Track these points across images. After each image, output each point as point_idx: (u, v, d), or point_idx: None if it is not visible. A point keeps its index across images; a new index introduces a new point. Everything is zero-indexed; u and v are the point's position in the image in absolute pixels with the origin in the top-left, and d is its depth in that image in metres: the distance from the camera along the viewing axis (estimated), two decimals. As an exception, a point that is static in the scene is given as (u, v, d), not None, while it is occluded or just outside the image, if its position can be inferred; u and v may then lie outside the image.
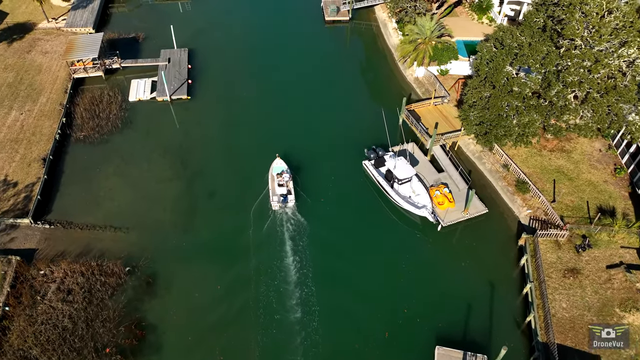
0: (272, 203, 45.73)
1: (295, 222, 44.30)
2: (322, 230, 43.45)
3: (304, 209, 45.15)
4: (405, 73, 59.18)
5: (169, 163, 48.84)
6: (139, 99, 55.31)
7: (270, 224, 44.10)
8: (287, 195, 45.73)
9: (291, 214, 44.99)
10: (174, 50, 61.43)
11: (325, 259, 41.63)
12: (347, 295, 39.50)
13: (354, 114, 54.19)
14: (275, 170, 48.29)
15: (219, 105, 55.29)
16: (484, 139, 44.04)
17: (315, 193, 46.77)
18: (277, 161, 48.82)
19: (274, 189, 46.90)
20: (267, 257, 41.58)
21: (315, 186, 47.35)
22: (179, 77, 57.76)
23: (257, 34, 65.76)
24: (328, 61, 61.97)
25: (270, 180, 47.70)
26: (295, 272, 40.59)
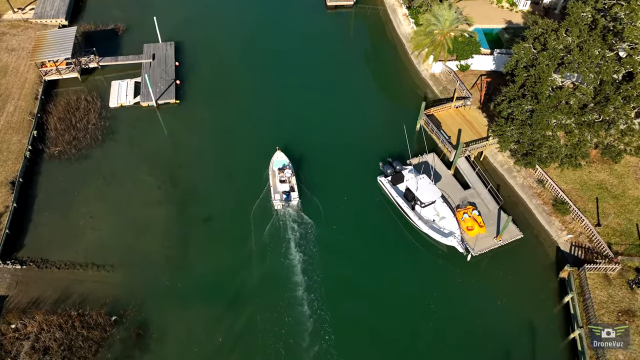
0: (274, 202, 40.58)
1: (301, 229, 39.55)
2: (335, 260, 37.75)
3: (309, 207, 40.63)
4: (420, 68, 52.63)
5: (157, 181, 42.61)
6: (120, 105, 48.46)
7: (272, 231, 39.09)
8: (290, 193, 40.63)
9: (296, 215, 40.38)
10: (159, 44, 54.16)
11: (340, 297, 36.01)
12: (369, 346, 34.19)
13: (364, 118, 47.79)
14: (275, 164, 42.85)
15: (212, 108, 48.57)
16: (524, 159, 38.05)
17: (320, 190, 42.03)
18: (277, 154, 43.49)
19: (275, 185, 41.59)
20: (273, 292, 36.22)
21: (319, 184, 42.58)
22: (166, 77, 50.84)
23: (251, 22, 58.25)
24: (331, 54, 54.99)
25: (271, 176, 42.22)
26: (309, 315, 35.16)
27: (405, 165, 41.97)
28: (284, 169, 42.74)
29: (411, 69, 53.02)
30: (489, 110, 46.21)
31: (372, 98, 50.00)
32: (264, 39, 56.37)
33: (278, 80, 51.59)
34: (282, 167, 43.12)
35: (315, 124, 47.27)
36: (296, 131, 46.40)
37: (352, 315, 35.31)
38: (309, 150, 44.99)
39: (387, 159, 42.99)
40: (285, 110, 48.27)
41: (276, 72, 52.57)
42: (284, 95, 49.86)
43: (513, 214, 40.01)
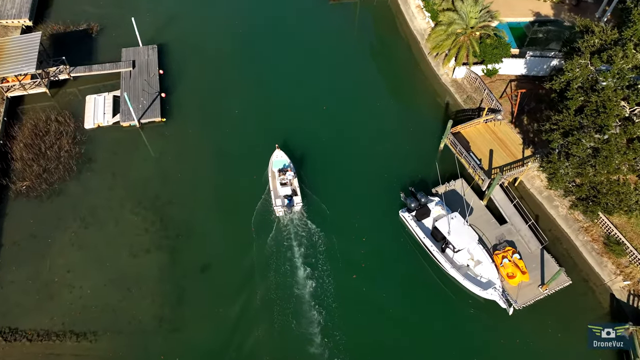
0: (275, 208, 35.44)
1: (309, 249, 34.55)
2: (351, 310, 32.68)
3: (314, 212, 36.08)
4: (439, 71, 45.89)
5: (145, 222, 36.08)
6: (98, 125, 41.35)
7: (273, 252, 33.94)
8: (293, 197, 35.51)
9: (301, 223, 35.70)
10: (140, 48, 46.56)
11: None
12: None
13: (377, 132, 41.04)
14: (275, 165, 37.37)
15: (204, 125, 41.50)
16: (583, 205, 32.14)
17: (324, 192, 37.38)
18: (277, 153, 37.89)
19: (275, 189, 36.40)
20: None
21: (323, 185, 37.73)
22: (149, 89, 43.65)
23: (244, 19, 50.34)
24: (335, 54, 47.58)
25: (271, 178, 36.84)
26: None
27: (431, 196, 36.05)
28: (284, 171, 37.18)
29: (429, 72, 46.26)
30: (523, 125, 40.14)
31: (384, 108, 43.09)
32: (260, 37, 48.86)
33: (277, 87, 44.40)
34: (282, 168, 37.53)
35: (322, 140, 40.52)
36: (302, 150, 40.17)
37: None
38: (317, 166, 38.83)
39: (409, 189, 36.86)
40: (288, 127, 41.32)
41: (274, 77, 45.31)
42: (284, 106, 42.75)
43: (556, 251, 34.54)
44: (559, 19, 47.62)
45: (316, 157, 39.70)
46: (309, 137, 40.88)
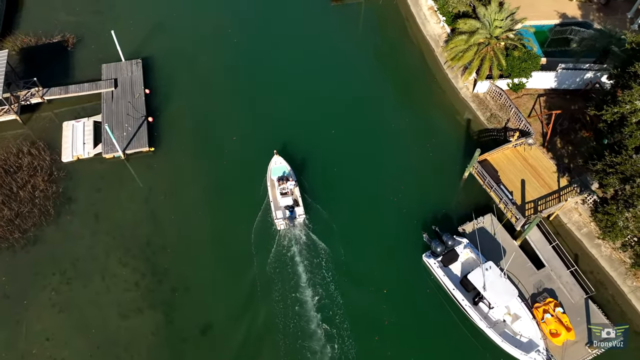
0: (276, 221, 31.96)
1: (317, 279, 30.92)
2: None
3: (319, 224, 32.87)
4: (458, 84, 40.88)
5: (135, 274, 31.19)
6: (77, 158, 36.06)
7: (280, 310, 29.61)
8: (294, 208, 32.61)
9: (305, 238, 32.41)
10: (122, 64, 40.97)
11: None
12: None
13: (392, 155, 36.30)
14: (274, 172, 33.88)
15: (198, 153, 36.24)
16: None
17: (327, 200, 33.90)
18: (275, 160, 34.41)
19: (275, 199, 33.09)
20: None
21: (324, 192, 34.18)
22: (134, 113, 38.34)
23: (238, 25, 44.57)
24: (340, 63, 42.25)
25: (270, 187, 33.49)
26: None
27: (458, 237, 31.67)
28: (284, 179, 33.25)
29: (446, 85, 41.24)
30: (556, 148, 35.59)
31: (398, 126, 37.98)
32: (256, 47, 43.26)
33: (278, 105, 38.90)
34: (282, 175, 33.60)
35: (330, 163, 35.55)
36: (309, 171, 35.29)
37: None
38: (327, 194, 33.84)
39: (432, 228, 32.42)
40: (294, 150, 36.01)
41: (275, 93, 39.79)
42: (287, 128, 37.35)
43: (600, 297, 30.60)
44: (587, 20, 42.64)
45: (325, 182, 34.86)
46: (317, 160, 35.97)
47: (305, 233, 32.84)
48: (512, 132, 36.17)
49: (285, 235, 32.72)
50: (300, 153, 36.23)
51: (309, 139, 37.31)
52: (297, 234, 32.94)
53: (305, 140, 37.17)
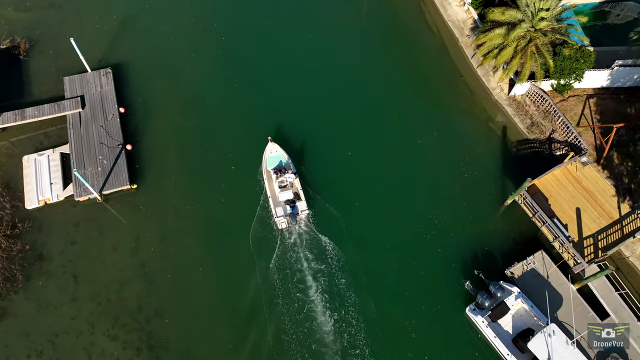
0: (277, 219, 28.21)
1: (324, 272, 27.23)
2: None
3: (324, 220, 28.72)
4: (489, 84, 34.32)
5: (127, 350, 25.09)
6: (44, 202, 29.43)
7: None
8: (295, 202, 28.57)
9: (310, 238, 28.38)
10: (89, 75, 33.31)
11: None
12: None
13: (414, 175, 30.31)
14: (269, 162, 29.42)
15: (191, 188, 29.74)
16: None
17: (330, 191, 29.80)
18: (270, 148, 29.83)
19: (274, 194, 28.78)
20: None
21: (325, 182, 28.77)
22: (109, 140, 31.27)
23: (224, 18, 36.59)
24: (345, 56, 35.16)
25: (267, 179, 29.07)
26: None
27: (506, 284, 26.42)
28: (282, 170, 28.63)
29: (475, 84, 34.55)
30: (612, 164, 29.93)
31: (423, 140, 31.62)
32: (249, 40, 35.54)
33: (280, 120, 31.85)
34: (279, 166, 28.98)
35: (345, 184, 29.56)
36: (310, 175, 29.49)
37: None
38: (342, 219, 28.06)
39: (475, 273, 27.06)
40: (305, 175, 30.75)
41: (275, 103, 32.65)
42: (294, 146, 30.76)
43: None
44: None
45: (340, 203, 29.24)
46: (330, 181, 30.03)
47: (312, 237, 28.43)
48: (560, 145, 30.42)
49: (288, 239, 28.28)
50: (315, 170, 30.27)
51: (320, 156, 31.24)
52: (301, 234, 28.56)
53: (319, 158, 31.10)
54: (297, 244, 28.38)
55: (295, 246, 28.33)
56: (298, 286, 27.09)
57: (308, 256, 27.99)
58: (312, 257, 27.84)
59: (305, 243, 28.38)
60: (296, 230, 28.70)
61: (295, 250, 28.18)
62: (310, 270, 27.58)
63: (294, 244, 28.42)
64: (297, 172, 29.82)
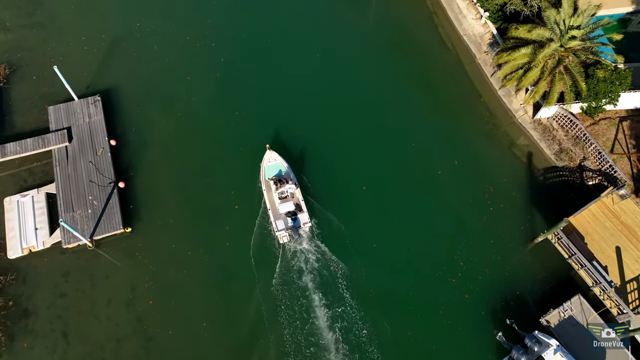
0: (277, 233, 26.08)
1: None
2: None
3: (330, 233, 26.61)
4: (511, 105, 31.43)
5: (124, 418, 23.39)
6: (29, 250, 26.21)
7: None
8: (297, 215, 26.37)
9: (316, 253, 26.19)
10: (75, 104, 29.99)
11: None
12: None
13: (434, 209, 27.31)
14: (268, 171, 26.96)
15: (192, 229, 26.63)
16: None
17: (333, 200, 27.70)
18: (269, 156, 27.32)
19: (273, 205, 26.38)
20: None
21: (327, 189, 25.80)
22: (99, 177, 27.97)
23: (225, 33, 33.25)
24: (354, 73, 32.26)
25: (265, 190, 26.63)
26: None
27: (542, 334, 23.70)
28: (282, 181, 26.28)
29: (496, 106, 31.55)
30: (651, 196, 27.23)
31: (443, 170, 28.67)
32: (251, 58, 32.36)
33: (289, 145, 28.95)
34: (278, 176, 26.67)
35: (362, 215, 26.65)
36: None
37: None
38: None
39: (508, 323, 24.18)
40: (318, 211, 27.69)
41: (281, 130, 29.62)
42: (303, 176, 28.36)
43: None
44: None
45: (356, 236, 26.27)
46: (345, 214, 26.86)
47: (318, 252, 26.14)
48: (593, 174, 27.67)
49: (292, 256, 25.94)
50: (325, 210, 27.14)
51: (333, 188, 28.21)
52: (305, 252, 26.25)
53: (334, 188, 28.05)
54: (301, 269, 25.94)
55: (300, 270, 25.89)
56: (309, 339, 24.40)
57: (317, 298, 25.21)
58: (322, 302, 25.10)
59: (310, 266, 25.95)
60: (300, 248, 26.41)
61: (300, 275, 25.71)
62: (325, 321, 24.86)
63: (297, 267, 25.97)
64: (298, 182, 27.51)
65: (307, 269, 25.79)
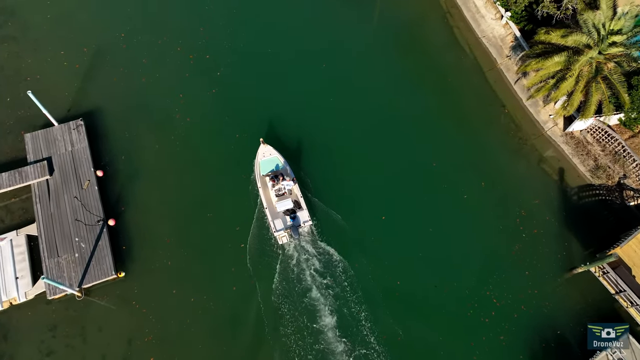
0: (276, 233, 23.76)
1: None
2: None
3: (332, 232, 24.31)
4: (539, 116, 28.31)
5: None
6: (9, 303, 22.60)
7: None
8: (297, 213, 24.10)
9: (317, 255, 23.86)
10: (55, 130, 26.17)
11: None
12: None
13: (459, 237, 24.29)
14: (263, 167, 24.72)
15: (193, 274, 23.34)
16: None
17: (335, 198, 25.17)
18: (263, 150, 24.90)
19: (270, 204, 24.12)
20: None
21: None
22: (85, 215, 24.31)
23: (221, 44, 29.47)
24: (359, 76, 29.10)
25: (261, 187, 24.15)
26: None
27: (591, 380, 21.36)
28: (278, 176, 23.93)
29: (522, 116, 28.14)
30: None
31: (469, 192, 25.52)
32: (250, 72, 28.64)
33: (298, 162, 26.07)
34: (275, 171, 24.34)
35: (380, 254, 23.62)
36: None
37: None
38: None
39: (553, 367, 21.96)
40: (334, 243, 24.38)
41: (285, 141, 26.09)
42: (314, 203, 25.16)
43: None
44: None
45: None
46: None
47: None
48: (635, 194, 24.75)
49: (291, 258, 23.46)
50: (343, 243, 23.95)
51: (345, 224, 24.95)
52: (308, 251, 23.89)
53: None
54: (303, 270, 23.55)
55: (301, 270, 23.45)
56: None
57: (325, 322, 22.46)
58: (332, 325, 22.24)
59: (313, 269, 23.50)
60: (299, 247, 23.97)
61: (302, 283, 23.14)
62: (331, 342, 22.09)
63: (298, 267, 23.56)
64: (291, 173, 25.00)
65: (317, 284, 23.24)
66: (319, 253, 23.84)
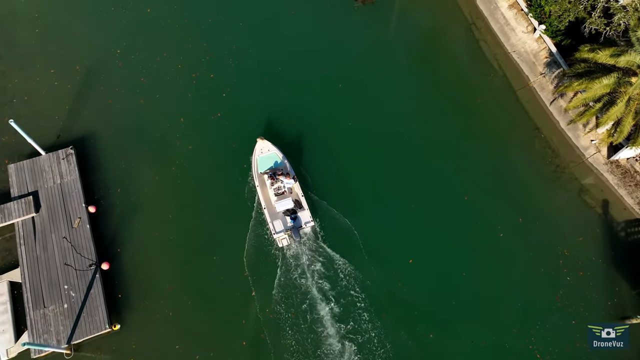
0: (276, 235, 21.59)
1: None
2: None
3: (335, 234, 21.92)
4: (578, 140, 25.24)
5: None
6: (-11, 363, 20.63)
7: None
8: (297, 213, 21.95)
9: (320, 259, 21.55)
10: (43, 161, 23.05)
11: None
12: None
13: (495, 284, 21.23)
14: (261, 164, 22.73)
15: (198, 327, 20.27)
16: None
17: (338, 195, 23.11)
18: (261, 146, 22.88)
19: (269, 204, 22.09)
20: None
21: None
22: (76, 260, 21.03)
23: (225, 60, 26.36)
24: (376, 100, 26.00)
25: (259, 185, 22.45)
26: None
27: None
28: (277, 173, 21.72)
29: (559, 142, 24.92)
30: None
31: (503, 229, 22.44)
32: (253, 90, 25.90)
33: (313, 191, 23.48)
34: (273, 169, 22.09)
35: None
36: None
37: None
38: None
39: None
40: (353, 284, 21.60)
41: (298, 171, 23.97)
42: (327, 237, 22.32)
43: None
44: None
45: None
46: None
47: None
48: (691, 233, 21.99)
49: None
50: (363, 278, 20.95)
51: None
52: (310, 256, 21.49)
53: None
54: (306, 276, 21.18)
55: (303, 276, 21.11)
56: None
57: None
58: (338, 332, 19.30)
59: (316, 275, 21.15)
60: None
61: None
62: None
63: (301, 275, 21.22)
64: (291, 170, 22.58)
65: (326, 296, 20.80)
66: (326, 266, 21.35)
